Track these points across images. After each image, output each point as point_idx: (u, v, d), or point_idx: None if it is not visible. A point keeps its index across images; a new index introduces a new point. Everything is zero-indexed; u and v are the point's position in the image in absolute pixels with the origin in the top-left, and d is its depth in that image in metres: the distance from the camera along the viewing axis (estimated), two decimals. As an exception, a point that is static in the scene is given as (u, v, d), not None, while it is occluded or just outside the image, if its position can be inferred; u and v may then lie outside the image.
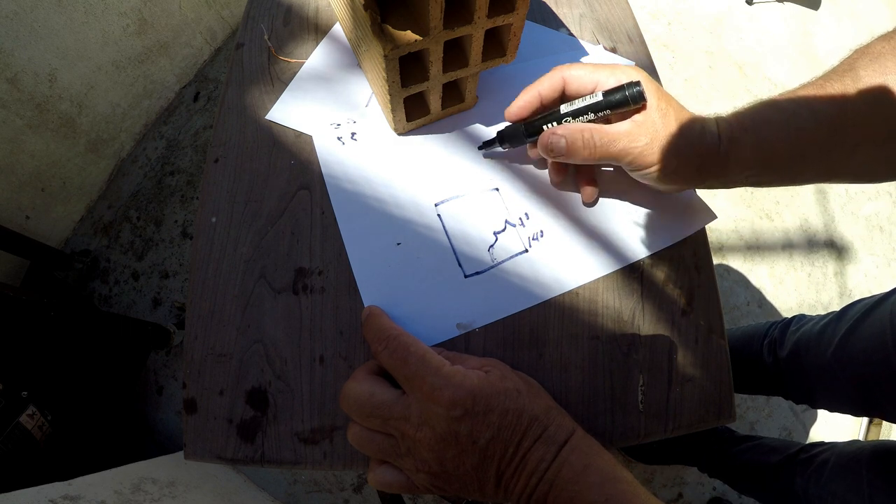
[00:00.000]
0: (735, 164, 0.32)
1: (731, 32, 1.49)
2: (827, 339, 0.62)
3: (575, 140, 0.32)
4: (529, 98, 0.35)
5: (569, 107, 0.33)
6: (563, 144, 0.32)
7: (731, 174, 0.32)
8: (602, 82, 0.32)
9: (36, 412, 0.75)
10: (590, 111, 0.32)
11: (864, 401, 0.57)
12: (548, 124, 0.34)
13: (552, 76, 0.34)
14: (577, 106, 0.33)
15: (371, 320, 0.32)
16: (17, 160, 1.01)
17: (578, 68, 0.33)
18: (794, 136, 0.31)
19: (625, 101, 0.31)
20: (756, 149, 0.31)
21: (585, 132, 0.32)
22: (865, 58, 0.31)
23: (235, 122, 0.41)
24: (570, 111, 0.33)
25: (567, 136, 0.32)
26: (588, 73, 0.33)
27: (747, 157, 0.31)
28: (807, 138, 0.31)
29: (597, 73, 0.33)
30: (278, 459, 0.32)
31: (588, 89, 0.33)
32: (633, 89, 0.31)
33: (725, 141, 0.31)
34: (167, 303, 1.13)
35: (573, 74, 0.33)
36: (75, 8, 1.00)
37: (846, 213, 1.30)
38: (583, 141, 0.32)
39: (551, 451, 0.27)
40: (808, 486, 0.64)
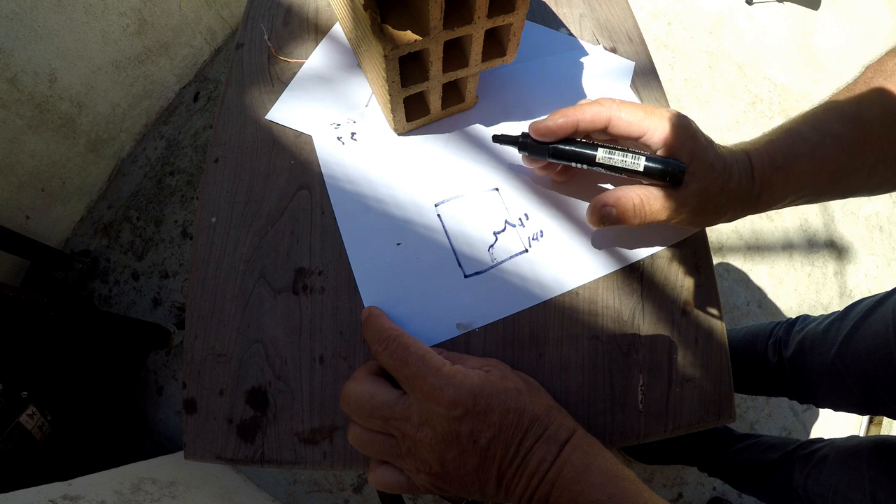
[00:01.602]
0: (766, 202, 0.32)
1: (731, 32, 1.49)
2: (830, 339, 0.62)
3: (626, 211, 0.31)
4: (566, 124, 0.32)
5: (607, 157, 0.32)
6: (615, 215, 0.32)
7: (761, 209, 0.33)
8: (650, 134, 0.31)
9: (36, 412, 0.75)
10: (624, 174, 0.32)
11: (867, 399, 0.57)
12: (578, 164, 0.33)
13: (598, 112, 0.32)
14: (616, 164, 0.31)
15: (371, 320, 0.32)
16: (17, 160, 1.01)
17: (629, 111, 0.31)
18: (820, 167, 0.32)
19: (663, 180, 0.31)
20: (785, 185, 0.32)
21: (637, 202, 0.31)
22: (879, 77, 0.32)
23: (235, 122, 0.41)
24: (607, 164, 0.32)
25: (617, 208, 0.31)
26: (638, 119, 0.31)
27: (777, 194, 0.32)
28: (831, 167, 0.32)
29: (647, 120, 0.31)
30: (278, 459, 0.32)
31: (633, 136, 0.32)
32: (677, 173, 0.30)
33: (758, 184, 0.32)
34: (167, 303, 1.13)
35: (622, 118, 0.31)
36: (75, 8, 1.00)
37: (846, 213, 1.30)
38: (634, 211, 0.31)
39: (552, 451, 0.27)
40: (808, 482, 0.64)
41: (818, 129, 0.32)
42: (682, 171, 0.30)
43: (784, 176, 0.31)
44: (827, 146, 0.31)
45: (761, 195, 0.32)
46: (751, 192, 0.32)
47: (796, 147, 0.32)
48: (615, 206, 0.31)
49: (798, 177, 0.32)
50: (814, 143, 0.31)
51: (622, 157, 0.31)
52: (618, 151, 0.32)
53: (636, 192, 0.31)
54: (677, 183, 0.30)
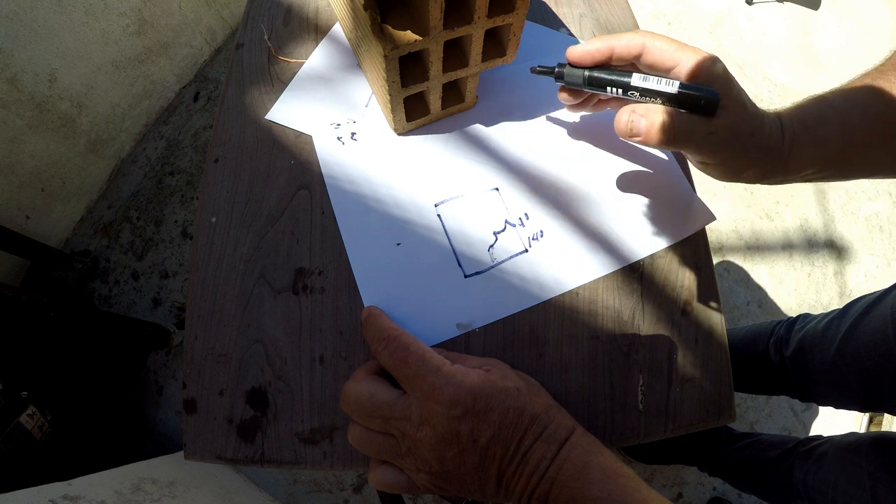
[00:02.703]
0: (794, 165, 0.32)
1: (731, 32, 1.49)
2: (830, 337, 0.62)
3: (654, 124, 0.30)
4: (602, 48, 0.32)
5: (642, 81, 0.31)
6: (643, 126, 0.31)
7: (789, 174, 0.33)
8: (682, 65, 0.31)
9: (36, 412, 0.75)
10: (659, 97, 0.31)
11: (868, 396, 0.57)
12: (614, 88, 0.32)
13: (632, 38, 0.32)
14: (651, 86, 0.31)
15: (371, 320, 0.32)
16: (17, 160, 1.01)
17: (663, 41, 0.31)
18: (849, 135, 0.32)
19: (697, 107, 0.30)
20: (815, 148, 0.32)
21: (667, 119, 0.30)
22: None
23: (235, 122, 0.41)
24: (641, 87, 0.31)
25: (647, 119, 0.30)
26: (672, 49, 0.31)
27: (806, 158, 0.32)
28: (859, 137, 0.32)
29: (680, 52, 0.31)
30: (278, 459, 0.32)
31: (666, 66, 0.31)
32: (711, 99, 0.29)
33: (788, 142, 0.31)
34: (167, 303, 1.13)
35: (656, 45, 0.31)
36: (75, 8, 1.00)
37: (846, 213, 1.30)
38: (663, 127, 0.30)
39: (552, 450, 0.27)
40: (807, 478, 0.64)
41: (847, 99, 0.32)
42: (715, 98, 0.29)
43: (813, 139, 0.31)
44: (854, 115, 0.32)
45: (790, 155, 0.31)
46: (781, 149, 0.31)
47: (825, 113, 0.32)
48: (645, 116, 0.30)
49: (826, 142, 0.32)
50: (843, 111, 0.32)
51: (656, 81, 0.31)
52: (652, 76, 0.31)
53: (667, 109, 0.30)
54: (711, 110, 0.29)
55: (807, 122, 0.32)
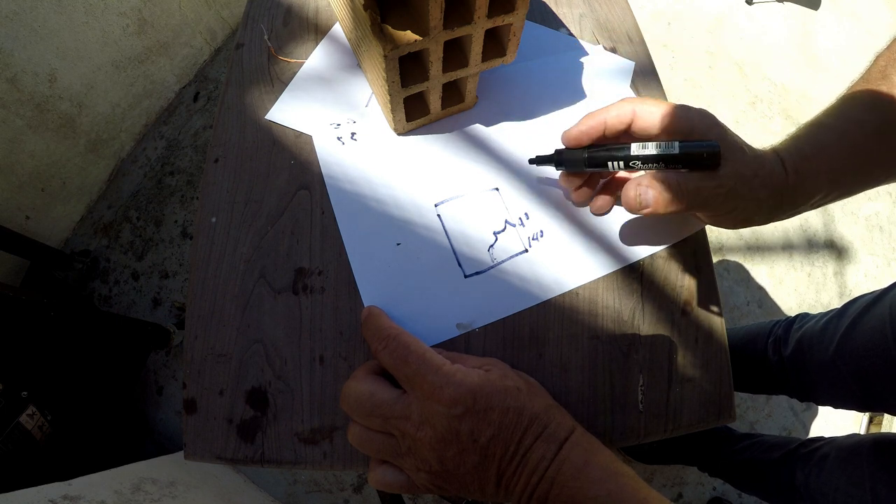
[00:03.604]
0: (802, 196, 0.32)
1: (731, 32, 1.49)
2: (829, 336, 0.62)
3: (662, 192, 0.30)
4: (594, 125, 0.32)
5: (641, 149, 0.31)
6: (651, 197, 0.30)
7: (798, 205, 0.32)
8: (673, 127, 0.31)
9: (36, 412, 0.75)
10: (662, 161, 0.30)
11: (866, 395, 0.57)
12: (614, 163, 0.32)
13: (622, 107, 0.32)
14: (652, 152, 0.30)
15: (371, 320, 0.32)
16: (17, 160, 1.01)
17: (651, 105, 0.31)
18: (849, 155, 0.31)
19: (701, 161, 0.29)
20: (818, 175, 0.31)
21: (673, 185, 0.30)
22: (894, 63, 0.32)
23: (235, 122, 0.41)
24: (642, 155, 0.31)
25: (654, 189, 0.30)
26: (661, 111, 0.31)
27: (812, 186, 0.32)
28: (860, 153, 0.32)
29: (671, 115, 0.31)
30: (278, 459, 0.32)
31: (657, 129, 0.31)
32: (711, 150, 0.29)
33: (792, 174, 0.31)
34: (167, 303, 1.13)
35: (645, 109, 0.31)
36: (75, 8, 1.00)
37: (846, 213, 1.30)
38: (671, 195, 0.30)
39: (552, 449, 0.27)
40: (809, 480, 0.64)
41: (841, 118, 0.32)
42: (716, 149, 0.29)
43: (816, 165, 0.31)
44: (852, 132, 0.31)
45: (797, 188, 0.31)
46: (786, 183, 0.31)
47: (822, 137, 0.32)
48: (651, 186, 0.30)
49: (830, 165, 0.31)
50: (839, 132, 0.32)
51: (655, 146, 0.30)
52: (650, 143, 0.31)
53: (672, 175, 0.30)
54: (715, 162, 0.29)
55: (805, 151, 0.31)
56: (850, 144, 0.31)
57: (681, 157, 0.30)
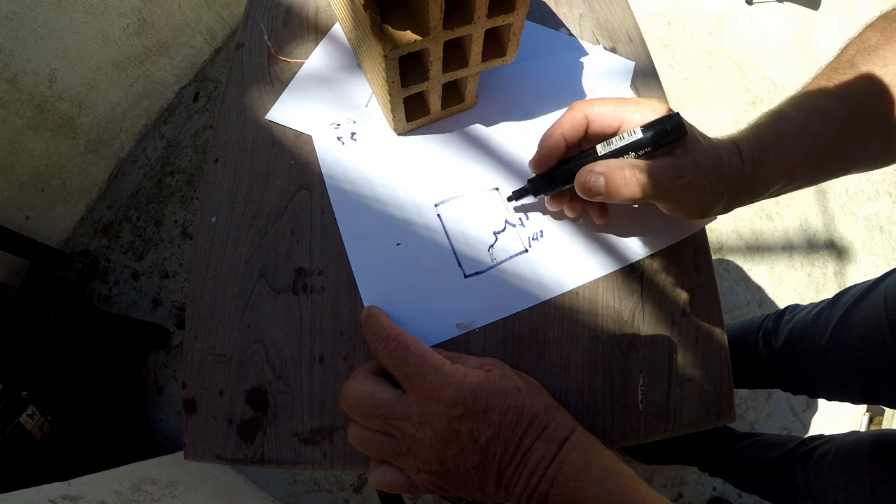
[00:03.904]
0: (760, 186, 0.32)
1: (731, 32, 1.49)
2: (821, 326, 0.61)
3: (615, 178, 0.29)
4: (554, 143, 0.32)
5: (606, 147, 0.31)
6: (602, 183, 0.30)
7: (756, 195, 0.32)
8: (628, 119, 0.31)
9: (36, 412, 0.75)
10: (630, 150, 0.30)
11: (863, 387, 0.57)
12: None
13: (574, 116, 0.32)
14: (617, 145, 0.30)
15: (371, 320, 0.32)
16: (17, 160, 1.01)
17: (601, 105, 0.31)
18: (810, 145, 0.31)
19: (667, 135, 0.29)
20: (777, 165, 0.31)
21: (627, 170, 0.29)
22: (863, 52, 0.32)
23: (235, 122, 0.41)
24: (610, 151, 0.31)
25: (606, 174, 0.29)
26: (612, 110, 0.31)
27: (771, 176, 0.31)
28: (822, 143, 0.31)
29: (621, 109, 0.31)
30: (278, 459, 0.32)
31: (613, 128, 0.31)
32: (674, 121, 0.29)
33: (749, 165, 0.31)
34: (167, 303, 1.13)
35: (597, 112, 0.31)
36: (75, 8, 1.00)
37: (846, 213, 1.30)
38: (624, 180, 0.29)
39: (552, 449, 0.27)
40: (810, 478, 0.64)
41: (803, 108, 0.31)
42: (678, 118, 0.29)
43: (774, 156, 0.31)
44: (814, 123, 0.31)
45: (754, 177, 0.31)
46: (743, 174, 0.31)
47: (782, 127, 0.31)
48: (604, 174, 0.29)
49: (789, 156, 0.31)
50: (800, 122, 0.31)
51: (619, 138, 0.31)
52: (614, 137, 0.31)
53: (627, 162, 0.30)
54: (681, 130, 0.29)
55: (764, 141, 0.31)
56: (812, 135, 0.31)
57: (647, 140, 0.30)
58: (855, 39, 0.33)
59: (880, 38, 0.31)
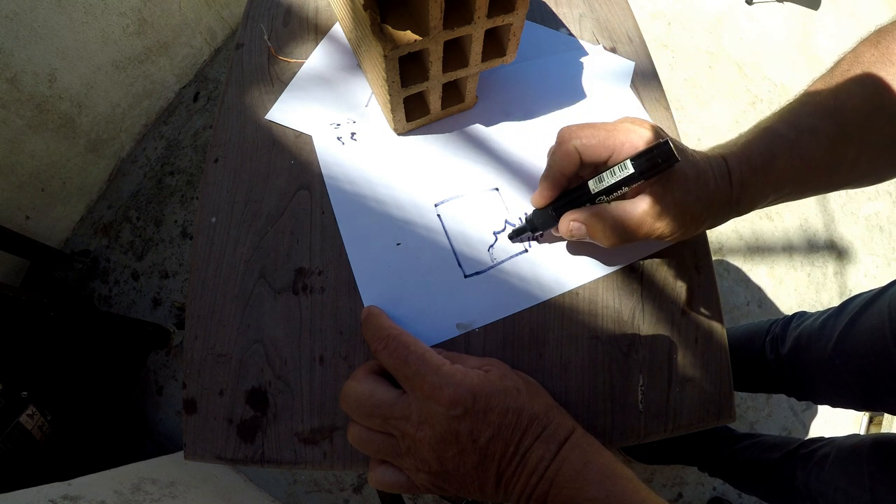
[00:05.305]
0: (746, 206, 0.32)
1: (731, 32, 1.49)
2: (827, 334, 0.62)
3: (595, 230, 0.31)
4: (553, 181, 0.33)
5: (597, 183, 0.31)
6: (584, 232, 0.31)
7: (742, 212, 0.32)
8: (618, 150, 0.30)
9: (36, 412, 0.75)
10: (622, 186, 0.30)
11: (865, 394, 0.57)
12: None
13: (566, 151, 0.31)
14: (608, 182, 0.30)
15: (370, 320, 0.32)
16: (17, 160, 1.01)
17: (589, 135, 0.31)
18: (799, 165, 0.31)
19: (657, 167, 0.29)
20: (765, 186, 0.31)
21: (606, 220, 0.30)
22: (856, 68, 0.31)
23: (235, 122, 0.41)
24: (602, 189, 0.31)
25: (586, 223, 0.31)
26: (601, 139, 0.31)
27: (757, 195, 0.32)
28: (811, 163, 0.31)
29: (611, 138, 0.31)
30: (278, 459, 0.32)
31: (603, 157, 0.31)
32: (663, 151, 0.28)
33: (737, 188, 0.31)
34: (167, 303, 1.13)
35: (585, 144, 0.31)
36: (75, 8, 1.00)
37: (846, 213, 1.30)
38: (603, 232, 0.31)
39: (551, 450, 0.27)
40: (810, 480, 0.64)
41: (795, 126, 0.31)
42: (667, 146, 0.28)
43: (763, 177, 0.31)
44: (804, 143, 0.31)
45: (741, 199, 0.31)
46: (729, 197, 0.31)
47: (774, 146, 0.31)
48: (584, 224, 0.31)
49: (778, 176, 0.31)
50: (791, 141, 0.31)
51: (610, 174, 0.31)
52: (606, 172, 0.31)
53: (608, 210, 0.31)
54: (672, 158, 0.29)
55: (754, 161, 0.31)
56: (801, 155, 0.31)
57: (637, 175, 0.29)
58: (849, 54, 0.33)
59: (874, 53, 0.31)
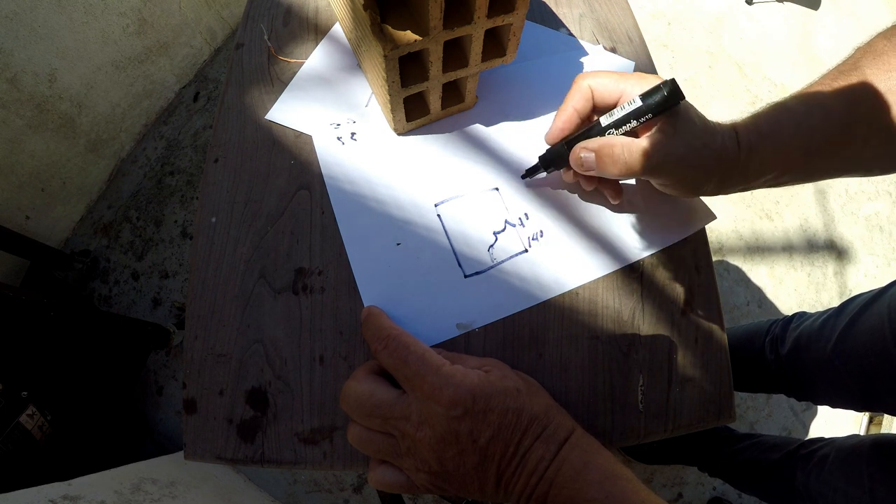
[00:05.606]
0: (754, 172, 0.32)
1: (731, 32, 1.49)
2: (827, 335, 0.62)
3: (603, 156, 0.31)
4: (567, 116, 0.34)
5: (608, 118, 0.32)
6: (593, 159, 0.32)
7: (750, 181, 0.32)
8: (628, 91, 0.32)
9: (36, 412, 0.75)
10: (632, 119, 0.31)
11: (865, 395, 0.57)
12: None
13: (580, 87, 0.33)
14: (618, 116, 0.31)
15: (370, 320, 0.32)
16: (17, 160, 1.01)
17: (603, 76, 0.33)
18: (808, 138, 0.31)
19: (665, 101, 0.29)
20: (773, 154, 0.31)
21: (615, 148, 0.31)
22: (869, 56, 0.32)
23: (235, 122, 0.41)
24: (612, 122, 0.32)
25: (597, 151, 0.31)
26: (613, 81, 0.32)
27: (766, 164, 0.32)
28: (820, 138, 0.31)
29: (622, 81, 0.32)
30: (278, 459, 0.32)
31: (614, 98, 0.32)
32: (670, 87, 0.29)
33: (745, 150, 0.31)
34: (167, 303, 1.13)
35: (598, 82, 0.33)
36: (75, 8, 1.00)
37: (846, 213, 1.30)
38: (612, 158, 0.31)
39: (551, 450, 0.27)
40: (809, 480, 0.64)
41: (805, 103, 0.32)
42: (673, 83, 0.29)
43: (771, 145, 0.31)
44: (814, 117, 0.31)
45: (749, 163, 0.31)
46: (737, 157, 0.31)
47: (782, 117, 0.32)
48: (595, 151, 0.31)
49: (786, 147, 0.31)
50: (800, 115, 0.31)
51: (619, 109, 0.31)
52: (616, 108, 0.32)
53: (616, 140, 0.31)
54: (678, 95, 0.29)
55: (763, 129, 0.31)
56: (810, 128, 0.31)
57: (646, 107, 0.30)
58: (864, 45, 0.34)
59: (888, 45, 0.32)
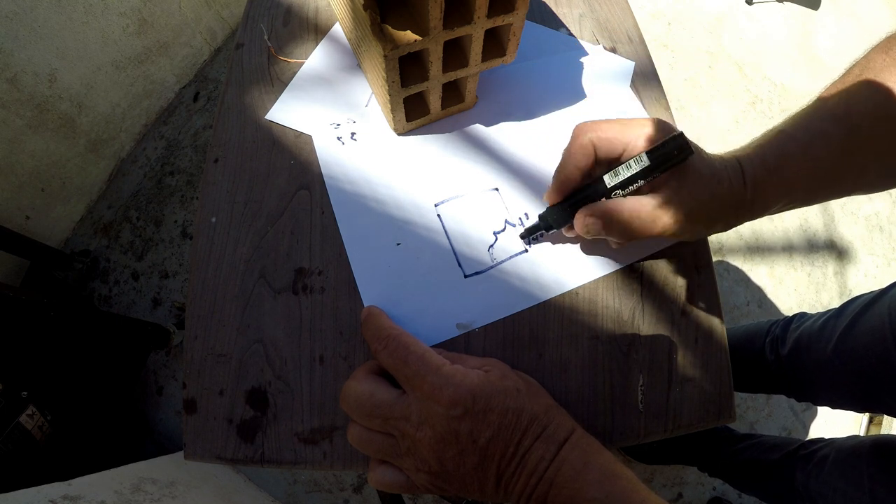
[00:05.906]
0: (760, 207, 0.32)
1: (731, 32, 1.49)
2: (827, 335, 0.62)
3: (612, 223, 0.30)
4: (567, 176, 0.32)
5: (613, 177, 0.31)
6: (600, 227, 0.31)
7: (756, 214, 0.32)
8: (633, 143, 0.31)
9: (36, 412, 0.75)
10: (639, 179, 0.30)
11: (865, 396, 0.57)
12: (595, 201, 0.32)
13: (581, 144, 0.31)
14: (624, 176, 0.30)
15: (370, 320, 0.32)
16: (17, 160, 1.01)
17: (605, 129, 0.31)
18: (812, 168, 0.31)
19: (672, 158, 0.29)
20: (779, 187, 0.31)
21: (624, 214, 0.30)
22: (868, 73, 0.31)
23: (235, 122, 0.41)
24: (618, 183, 0.31)
25: (604, 218, 0.31)
26: (616, 132, 0.31)
27: (771, 198, 0.32)
28: (822, 167, 0.31)
29: (626, 132, 0.31)
30: (278, 459, 0.32)
31: (617, 151, 0.31)
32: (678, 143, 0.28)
33: (751, 187, 0.31)
34: (167, 303, 1.13)
35: (602, 138, 0.31)
36: (75, 8, 1.00)
37: (846, 213, 1.30)
38: (620, 224, 0.30)
39: (551, 450, 0.27)
40: (809, 481, 0.64)
41: (807, 130, 0.31)
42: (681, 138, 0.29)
43: (777, 179, 0.31)
44: (817, 146, 0.31)
45: (755, 200, 0.31)
46: (744, 198, 0.31)
47: (787, 149, 0.31)
48: (600, 219, 0.31)
49: (791, 179, 0.31)
50: (804, 144, 0.31)
51: (625, 168, 0.30)
52: (621, 166, 0.31)
53: (626, 204, 0.30)
54: (687, 150, 0.29)
55: (769, 163, 0.31)
56: (814, 158, 0.31)
57: (654, 166, 0.29)
58: (861, 60, 0.33)
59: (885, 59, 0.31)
